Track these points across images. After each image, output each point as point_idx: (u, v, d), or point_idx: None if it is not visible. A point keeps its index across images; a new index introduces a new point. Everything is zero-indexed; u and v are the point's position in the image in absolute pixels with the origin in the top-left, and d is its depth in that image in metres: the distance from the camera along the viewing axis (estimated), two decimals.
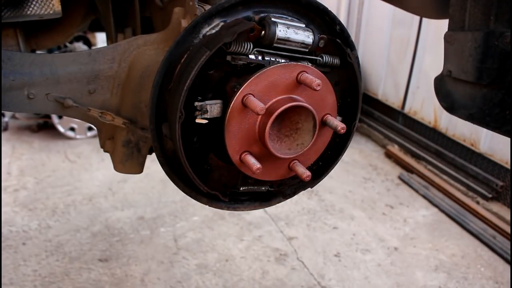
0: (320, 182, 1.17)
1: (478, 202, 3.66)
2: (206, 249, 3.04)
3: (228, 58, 0.89)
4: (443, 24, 1.34)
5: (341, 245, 3.16)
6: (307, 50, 0.97)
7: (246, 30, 0.88)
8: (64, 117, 4.65)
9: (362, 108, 5.08)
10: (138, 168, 1.36)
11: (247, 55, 0.90)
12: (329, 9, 1.02)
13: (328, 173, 1.13)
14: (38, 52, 1.68)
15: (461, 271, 2.95)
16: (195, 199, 1.04)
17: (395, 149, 4.71)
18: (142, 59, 1.15)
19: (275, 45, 0.92)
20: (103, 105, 1.18)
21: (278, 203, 1.15)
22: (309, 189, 1.18)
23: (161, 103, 0.92)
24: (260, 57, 0.92)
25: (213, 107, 0.90)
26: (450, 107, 1.21)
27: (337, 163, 1.11)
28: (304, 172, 0.95)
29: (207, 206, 1.07)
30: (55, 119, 4.70)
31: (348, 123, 1.09)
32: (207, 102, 0.90)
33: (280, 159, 0.94)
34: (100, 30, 2.12)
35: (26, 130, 5.06)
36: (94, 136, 4.82)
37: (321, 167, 1.13)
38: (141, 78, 1.16)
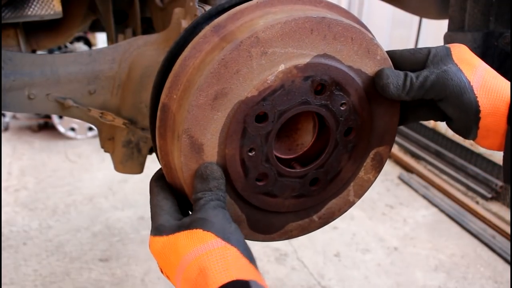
0: None
1: (477, 202, 3.67)
2: None
3: None
4: (443, 24, 1.35)
5: (341, 245, 3.17)
6: None
7: None
8: (65, 117, 4.65)
9: None
10: (138, 168, 1.36)
11: None
12: None
13: None
14: (38, 52, 1.69)
15: (460, 270, 2.95)
16: None
17: (395, 149, 4.72)
18: (142, 60, 1.15)
19: None
20: (103, 105, 1.19)
21: None
22: None
23: None
24: None
25: None
26: None
27: None
28: None
29: None
30: (55, 119, 4.70)
31: None
32: None
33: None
34: (101, 30, 2.13)
35: (27, 130, 5.06)
36: (94, 137, 4.83)
37: None
38: (141, 79, 1.16)
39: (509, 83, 0.74)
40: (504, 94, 0.72)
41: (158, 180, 0.79)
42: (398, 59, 0.80)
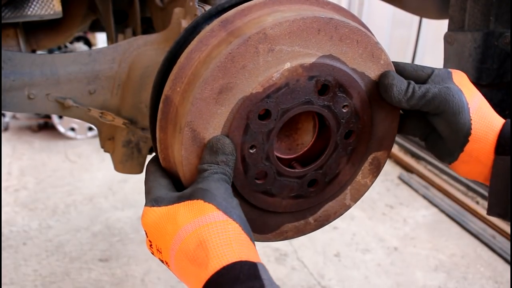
0: None
1: (477, 202, 3.67)
2: None
3: None
4: (443, 24, 1.35)
5: (341, 245, 3.17)
6: None
7: None
8: (65, 117, 4.65)
9: None
10: (138, 168, 1.36)
11: None
12: None
13: None
14: (38, 52, 1.69)
15: (460, 271, 2.95)
16: None
17: (395, 149, 4.72)
18: (142, 60, 1.15)
19: None
20: (103, 105, 1.19)
21: None
22: None
23: None
24: None
25: None
26: None
27: None
28: None
29: None
30: (55, 119, 4.70)
31: None
32: None
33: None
34: (101, 30, 2.13)
35: (27, 130, 5.06)
36: (94, 136, 4.83)
37: None
38: (141, 78, 1.16)
39: (499, 117, 0.76)
40: (495, 125, 0.74)
41: (156, 161, 0.78)
42: (400, 71, 0.80)
